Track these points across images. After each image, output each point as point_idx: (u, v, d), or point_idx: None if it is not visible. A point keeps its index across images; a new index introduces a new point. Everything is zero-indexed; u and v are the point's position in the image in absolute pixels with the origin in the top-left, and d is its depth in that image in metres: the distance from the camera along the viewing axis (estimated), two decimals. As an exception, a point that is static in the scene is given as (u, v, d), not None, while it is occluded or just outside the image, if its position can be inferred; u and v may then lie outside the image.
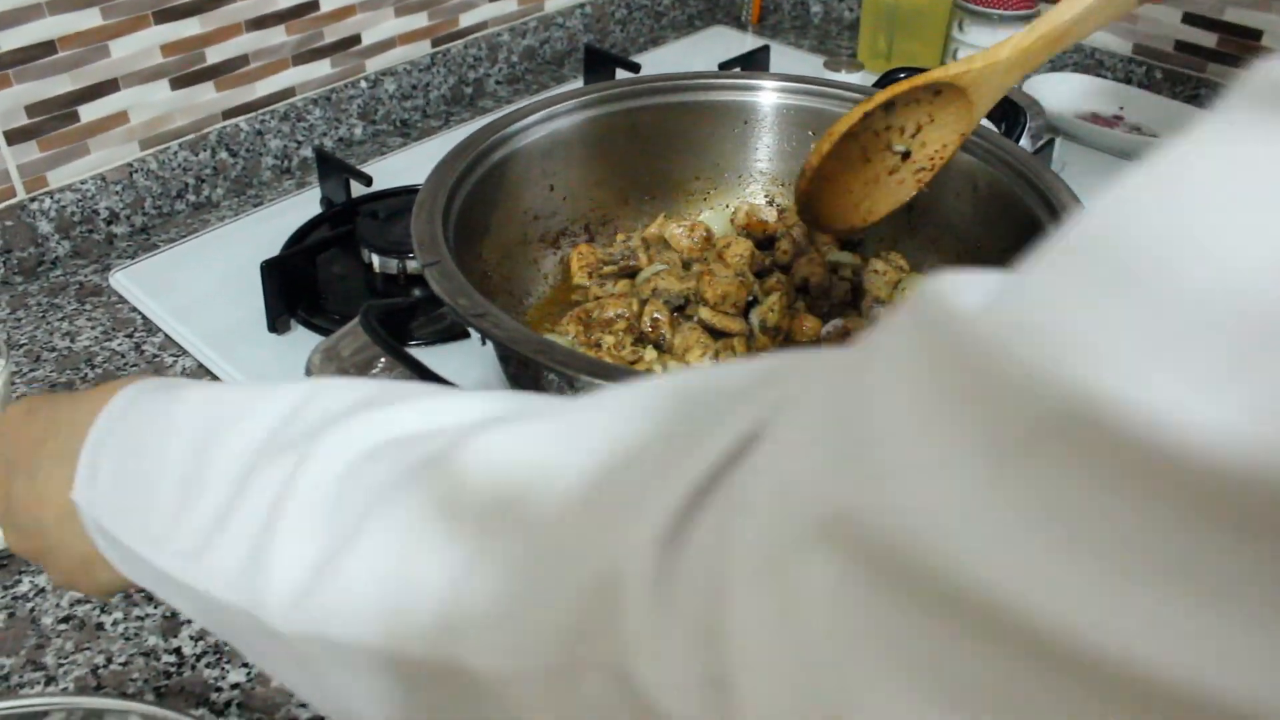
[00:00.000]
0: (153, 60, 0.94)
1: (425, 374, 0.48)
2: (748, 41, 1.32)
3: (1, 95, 0.86)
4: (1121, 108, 1.15)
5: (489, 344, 0.58)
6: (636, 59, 1.12)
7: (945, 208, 0.74)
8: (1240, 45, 1.12)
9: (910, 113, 0.63)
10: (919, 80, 0.61)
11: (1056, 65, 1.25)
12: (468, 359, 0.73)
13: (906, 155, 0.64)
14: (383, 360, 0.49)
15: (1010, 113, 0.84)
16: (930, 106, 0.63)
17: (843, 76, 1.00)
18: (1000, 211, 0.70)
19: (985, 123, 0.76)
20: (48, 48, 0.87)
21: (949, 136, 0.64)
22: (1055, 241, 0.18)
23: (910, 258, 0.76)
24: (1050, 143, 0.99)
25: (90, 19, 0.89)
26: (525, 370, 0.57)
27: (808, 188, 0.64)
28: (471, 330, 0.61)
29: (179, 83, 0.96)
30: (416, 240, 0.59)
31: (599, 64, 1.11)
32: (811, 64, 1.26)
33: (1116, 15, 0.66)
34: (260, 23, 1.00)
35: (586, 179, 0.77)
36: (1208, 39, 1.14)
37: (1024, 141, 0.84)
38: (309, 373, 0.51)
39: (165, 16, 0.93)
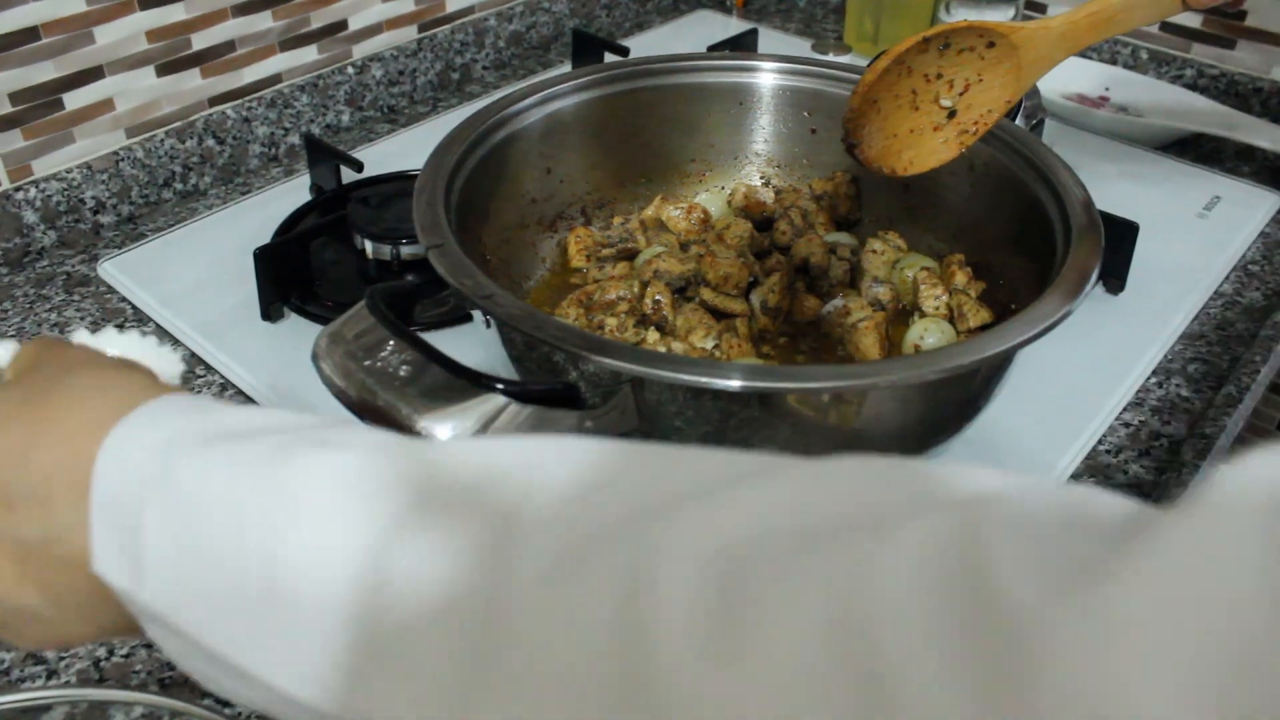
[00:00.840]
0: (138, 47, 0.93)
1: (435, 356, 0.48)
2: (733, 25, 1.32)
3: (-16, 83, 0.85)
4: (1107, 89, 1.16)
5: (493, 326, 0.58)
6: (623, 43, 1.12)
7: (942, 187, 0.74)
8: (1225, 25, 1.13)
9: (961, 66, 0.63)
10: (975, 22, 0.62)
11: (1042, 47, 1.25)
12: (467, 343, 0.73)
13: (952, 114, 0.64)
14: (391, 343, 0.49)
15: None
16: (980, 65, 0.63)
17: (833, 59, 1.00)
18: (998, 190, 0.70)
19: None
20: (31, 34, 0.86)
21: (995, 100, 0.64)
22: None
23: (907, 237, 0.76)
24: (1040, 123, 0.99)
25: (74, 5, 0.87)
26: (530, 353, 0.57)
27: (860, 106, 0.63)
28: (475, 313, 0.61)
29: (164, 69, 0.95)
30: (419, 225, 0.59)
31: (587, 48, 1.11)
32: (798, 47, 1.26)
33: (1162, 14, 0.67)
34: (246, 8, 0.98)
35: (583, 162, 0.76)
36: (1192, 19, 1.15)
37: (1019, 120, 0.84)
38: (315, 357, 0.51)
39: (150, 2, 0.92)
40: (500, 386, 0.47)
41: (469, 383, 0.47)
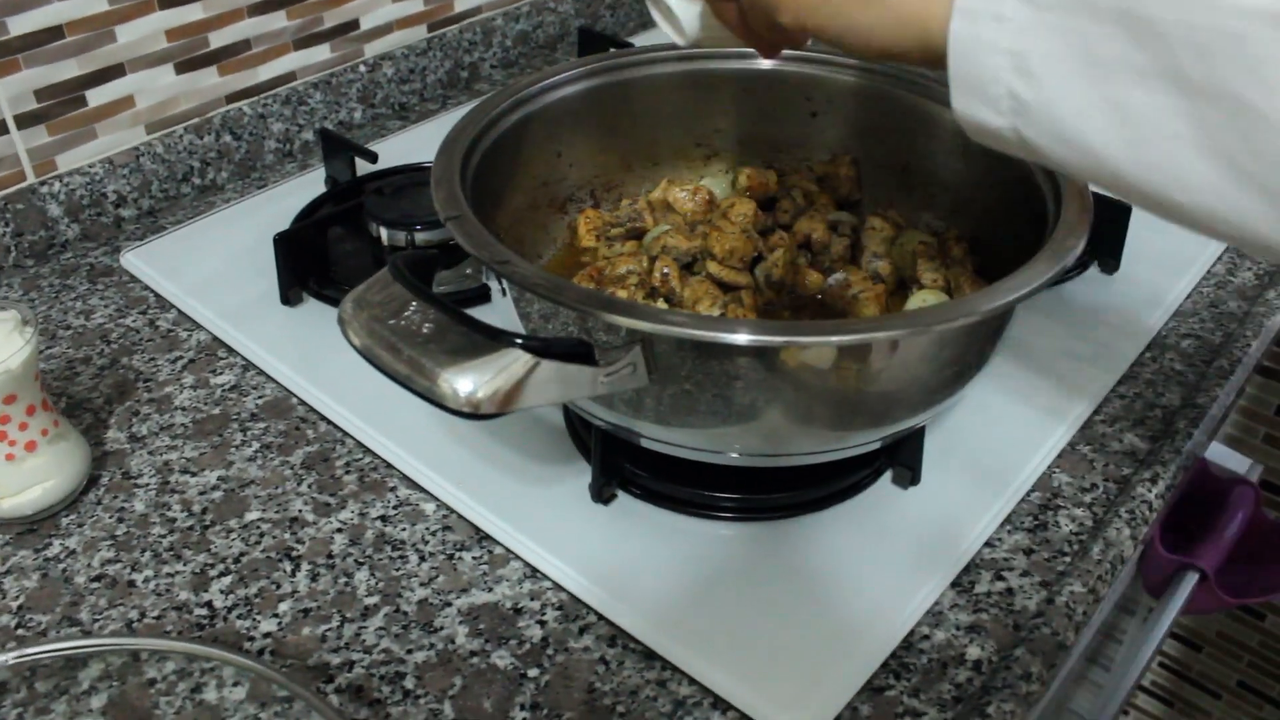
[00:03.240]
0: (157, 45, 0.96)
1: (456, 315, 0.50)
2: (735, 25, 1.35)
3: (11, 80, 0.88)
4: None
5: (507, 296, 0.60)
6: (628, 41, 1.15)
7: (937, 165, 0.76)
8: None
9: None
10: None
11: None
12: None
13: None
14: (414, 304, 0.51)
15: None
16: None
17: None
18: (991, 167, 0.72)
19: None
20: (55, 33, 0.89)
21: None
22: None
23: (905, 215, 0.78)
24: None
25: (97, 4, 0.90)
26: (545, 325, 0.59)
27: None
28: (491, 282, 0.63)
29: (183, 67, 0.98)
30: (437, 200, 0.61)
31: (593, 47, 1.14)
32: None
33: None
34: (261, 8, 1.01)
35: (591, 146, 0.79)
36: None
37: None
38: (341, 321, 0.53)
39: (169, 2, 0.95)
40: (519, 342, 0.49)
41: (490, 339, 0.49)
